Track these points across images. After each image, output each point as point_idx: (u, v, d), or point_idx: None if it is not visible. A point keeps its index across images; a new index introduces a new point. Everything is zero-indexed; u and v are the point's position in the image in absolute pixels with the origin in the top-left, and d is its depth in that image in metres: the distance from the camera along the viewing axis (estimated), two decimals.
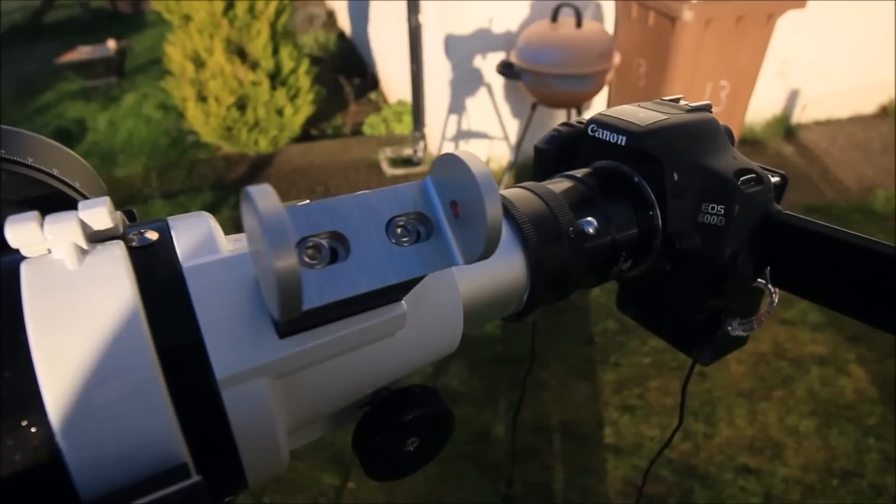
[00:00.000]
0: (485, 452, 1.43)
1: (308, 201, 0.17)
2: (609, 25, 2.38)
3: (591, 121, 0.29)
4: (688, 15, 1.87)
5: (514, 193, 0.26)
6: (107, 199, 0.18)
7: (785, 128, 2.94)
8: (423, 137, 2.71)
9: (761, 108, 2.86)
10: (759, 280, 0.31)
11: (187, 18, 2.51)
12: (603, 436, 1.47)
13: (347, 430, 0.24)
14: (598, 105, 2.59)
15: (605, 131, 0.28)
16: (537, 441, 1.46)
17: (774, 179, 0.30)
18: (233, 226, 2.32)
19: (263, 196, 0.13)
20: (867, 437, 1.43)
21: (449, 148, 2.56)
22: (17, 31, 5.15)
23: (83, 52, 3.72)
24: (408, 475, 0.22)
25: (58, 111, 3.47)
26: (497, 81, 2.38)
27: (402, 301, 0.19)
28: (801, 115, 2.98)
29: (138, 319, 0.16)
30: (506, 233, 0.24)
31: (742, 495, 1.33)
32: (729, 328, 0.33)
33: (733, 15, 1.93)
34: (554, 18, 2.03)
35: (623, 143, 0.27)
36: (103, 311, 0.15)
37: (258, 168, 2.72)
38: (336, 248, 0.15)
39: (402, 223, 0.16)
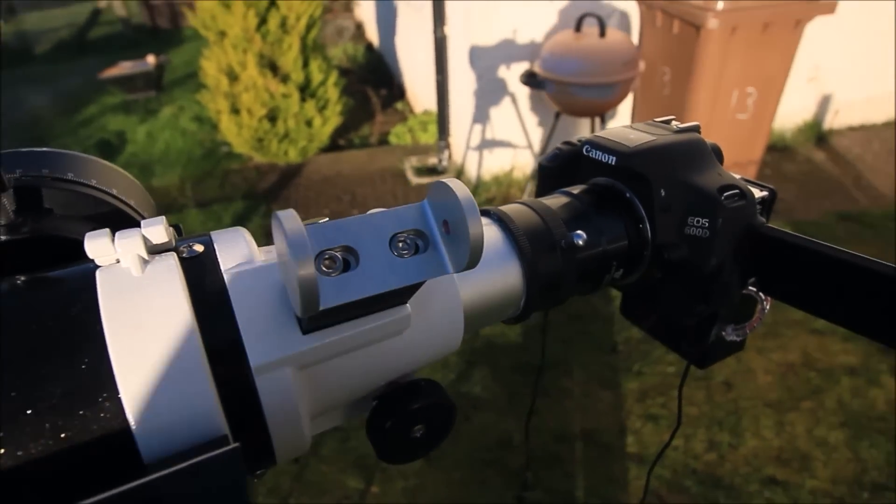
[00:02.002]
0: (507, 459, 1.44)
1: (326, 219, 0.20)
2: (634, 34, 2.39)
3: (586, 141, 0.32)
4: (713, 23, 1.86)
5: (513, 209, 0.29)
6: (163, 219, 0.21)
7: (817, 134, 2.88)
8: (447, 147, 2.75)
9: (792, 114, 2.82)
10: (750, 289, 0.33)
11: (222, 34, 2.61)
12: (626, 444, 1.47)
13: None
14: (622, 113, 2.59)
15: (597, 151, 0.31)
16: (559, 449, 1.46)
17: (762, 194, 0.32)
18: (263, 234, 2.40)
19: (289, 219, 0.16)
20: None
21: (473, 157, 2.60)
22: (64, 48, 5.42)
23: (124, 67, 3.90)
24: (416, 459, 0.25)
25: (100, 124, 3.64)
26: (521, 91, 2.41)
27: (407, 304, 0.22)
28: (833, 121, 2.92)
29: (189, 318, 0.19)
30: (503, 245, 0.27)
31: None
32: (724, 333, 0.35)
33: (759, 22, 1.92)
34: (578, 28, 2.05)
35: (613, 163, 0.30)
36: (162, 310, 0.19)
37: (288, 178, 2.80)
38: (348, 260, 0.19)
39: (403, 238, 0.19)
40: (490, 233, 0.27)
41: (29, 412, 0.17)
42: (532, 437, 1.49)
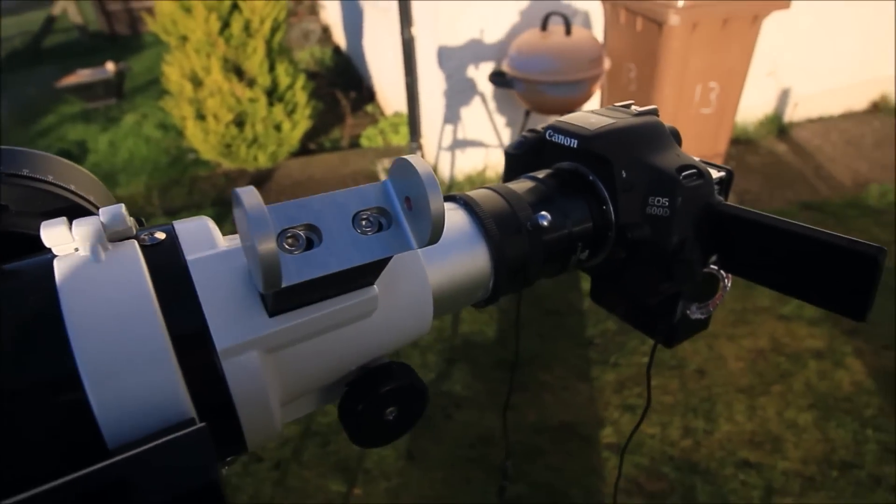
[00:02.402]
0: (489, 455, 1.45)
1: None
2: (598, 32, 2.43)
3: (549, 127, 0.32)
4: (674, 19, 1.91)
5: (480, 193, 0.29)
6: (122, 206, 0.21)
7: (778, 126, 2.97)
8: (419, 148, 2.75)
9: (753, 108, 2.90)
10: (711, 266, 0.34)
11: (184, 39, 2.56)
12: (604, 435, 1.49)
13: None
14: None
15: (560, 136, 0.31)
16: (540, 442, 1.48)
17: (720, 174, 0.33)
18: None
19: (248, 195, 0.16)
20: (865, 428, 1.45)
21: (445, 157, 2.60)
22: (18, 57, 5.24)
23: (82, 76, 3.80)
24: (389, 442, 0.25)
25: (59, 134, 3.53)
26: (490, 90, 2.42)
27: (374, 286, 0.22)
28: (793, 114, 3.02)
29: (152, 303, 0.19)
30: (470, 228, 0.27)
31: (743, 489, 1.34)
32: (688, 312, 0.36)
33: (719, 18, 1.97)
34: (543, 27, 2.07)
35: (575, 146, 0.30)
36: (123, 296, 0.19)
37: (258, 183, 2.77)
38: (311, 238, 0.18)
39: (366, 216, 0.20)
40: (457, 217, 0.28)
41: None
42: (512, 430, 1.50)
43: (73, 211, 0.27)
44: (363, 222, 0.19)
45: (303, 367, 0.22)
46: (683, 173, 0.29)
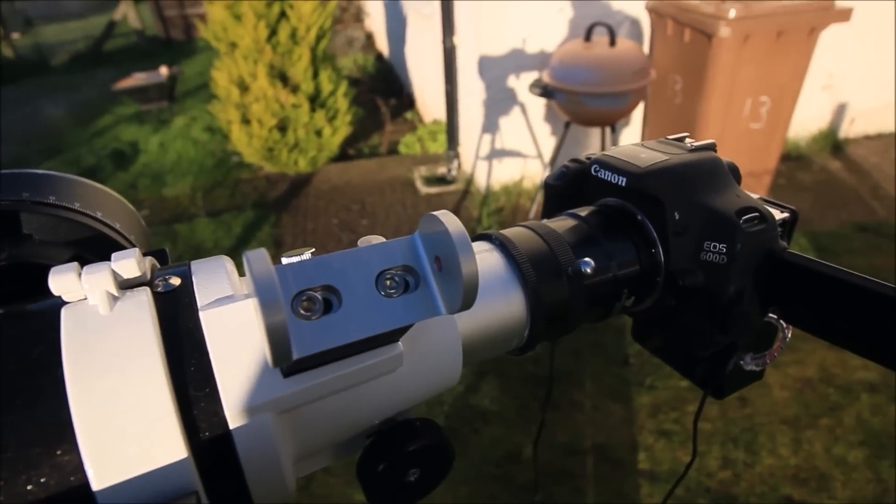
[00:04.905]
0: (515, 474, 1.42)
1: (312, 250, 0.19)
2: (645, 43, 2.37)
3: (595, 161, 0.30)
4: (725, 31, 1.84)
5: (516, 232, 0.27)
6: (136, 251, 0.20)
7: (832, 142, 2.83)
8: (457, 156, 2.74)
9: (806, 123, 2.78)
10: (770, 316, 0.31)
11: (233, 45, 2.63)
12: (637, 461, 1.44)
13: None
14: (633, 121, 2.57)
15: (606, 172, 0.29)
16: (570, 463, 1.43)
17: (783, 216, 0.31)
18: (273, 243, 2.40)
19: (256, 260, 0.15)
20: None
21: (482, 166, 2.58)
22: (80, 59, 5.51)
23: (138, 79, 3.95)
24: None
25: (114, 134, 3.68)
26: (531, 100, 2.40)
27: (399, 342, 0.20)
28: (849, 129, 2.88)
29: (158, 360, 0.18)
30: (505, 272, 0.25)
31: None
32: (742, 363, 0.33)
33: (773, 30, 1.89)
34: (587, 37, 2.03)
35: (623, 184, 0.28)
36: (128, 352, 0.18)
37: (298, 187, 2.81)
38: (330, 300, 0.17)
39: (391, 275, 0.18)
40: (491, 259, 0.26)
41: None
42: (542, 450, 1.46)
43: (98, 241, 0.26)
44: (388, 282, 0.18)
45: (319, 424, 0.21)
46: (744, 217, 0.27)
